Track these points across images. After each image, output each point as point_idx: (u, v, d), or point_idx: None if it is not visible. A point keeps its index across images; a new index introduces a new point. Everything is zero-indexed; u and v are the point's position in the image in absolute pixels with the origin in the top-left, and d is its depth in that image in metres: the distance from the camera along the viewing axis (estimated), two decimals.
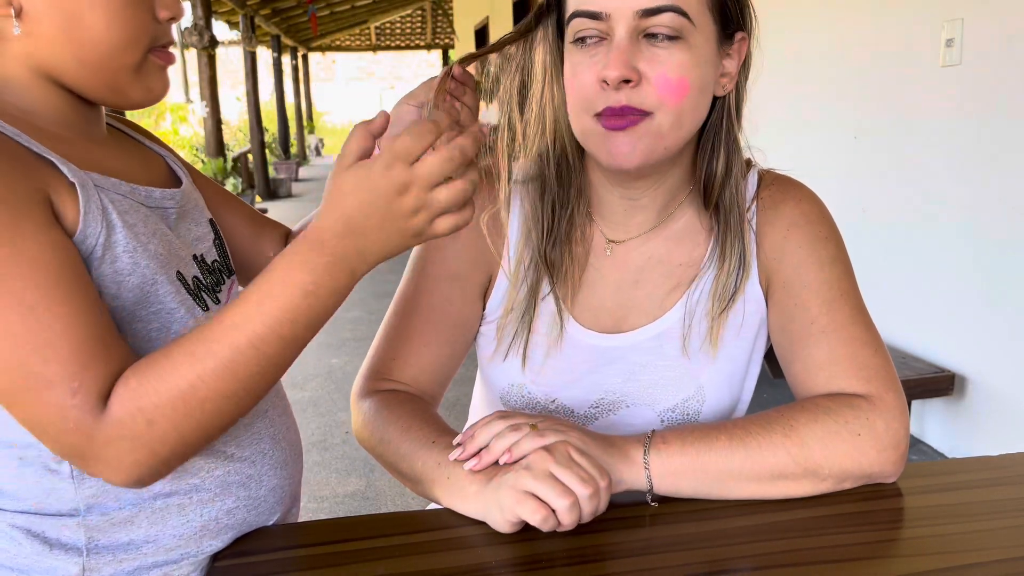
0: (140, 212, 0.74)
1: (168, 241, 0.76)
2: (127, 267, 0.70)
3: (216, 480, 0.78)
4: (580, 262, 0.96)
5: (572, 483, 0.73)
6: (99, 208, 0.69)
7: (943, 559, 0.72)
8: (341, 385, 3.70)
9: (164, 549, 0.76)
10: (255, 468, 0.81)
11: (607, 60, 0.81)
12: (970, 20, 2.48)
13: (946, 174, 2.64)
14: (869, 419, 0.83)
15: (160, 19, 0.75)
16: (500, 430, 0.80)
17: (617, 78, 0.80)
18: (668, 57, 0.81)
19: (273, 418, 0.85)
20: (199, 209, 0.87)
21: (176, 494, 0.76)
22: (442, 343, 0.97)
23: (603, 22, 0.82)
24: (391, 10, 16.45)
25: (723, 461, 0.81)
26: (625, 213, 0.95)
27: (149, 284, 0.72)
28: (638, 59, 0.81)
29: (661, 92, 0.81)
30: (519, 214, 0.96)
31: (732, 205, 0.92)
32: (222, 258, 0.87)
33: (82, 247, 0.67)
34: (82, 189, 0.68)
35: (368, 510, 2.57)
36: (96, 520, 0.73)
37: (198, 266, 0.81)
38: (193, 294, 0.78)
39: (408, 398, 0.94)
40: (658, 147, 0.84)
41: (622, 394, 0.96)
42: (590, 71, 0.83)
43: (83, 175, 0.69)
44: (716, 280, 0.93)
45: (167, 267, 0.74)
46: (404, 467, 0.87)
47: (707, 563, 0.73)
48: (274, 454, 0.84)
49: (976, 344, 2.58)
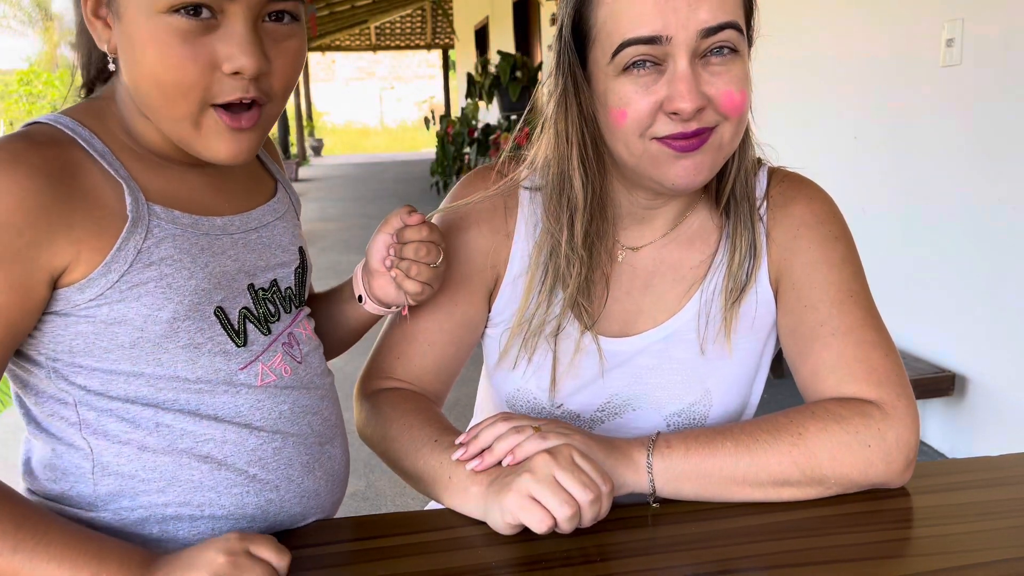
0: (194, 245, 0.75)
1: (213, 275, 0.76)
2: (158, 302, 0.72)
3: (233, 498, 0.77)
4: (593, 272, 0.94)
5: (574, 488, 0.73)
6: (136, 248, 0.71)
7: (943, 559, 0.72)
8: (341, 385, 3.69)
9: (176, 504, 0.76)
10: (278, 493, 0.79)
11: (673, 90, 0.79)
12: (970, 20, 2.48)
13: (946, 174, 2.64)
14: (880, 429, 0.81)
15: (223, 71, 0.68)
16: (503, 432, 0.79)
17: (693, 111, 0.79)
18: (727, 73, 0.80)
19: (311, 445, 0.82)
20: (287, 234, 0.85)
21: (187, 505, 0.76)
22: (446, 342, 0.97)
23: (660, 46, 0.79)
24: (391, 10, 16.44)
25: (727, 467, 0.80)
26: (642, 220, 0.95)
27: (180, 320, 0.73)
28: (702, 83, 0.80)
29: (726, 108, 0.81)
30: (527, 219, 0.95)
31: (743, 198, 0.91)
32: (297, 287, 0.85)
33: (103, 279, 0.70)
34: (130, 225, 0.71)
35: (368, 510, 2.57)
36: (109, 518, 0.74)
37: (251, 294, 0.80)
38: (233, 329, 0.77)
39: (411, 396, 0.94)
40: (719, 160, 0.85)
41: (628, 397, 0.96)
42: (647, 100, 0.80)
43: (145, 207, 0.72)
44: (728, 272, 0.93)
45: (204, 303, 0.75)
46: (406, 465, 0.87)
47: (708, 563, 0.73)
48: (303, 482, 0.81)
49: (976, 344, 2.58)
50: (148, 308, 0.71)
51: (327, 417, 0.86)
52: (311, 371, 0.84)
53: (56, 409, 0.74)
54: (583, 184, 0.89)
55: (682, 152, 0.82)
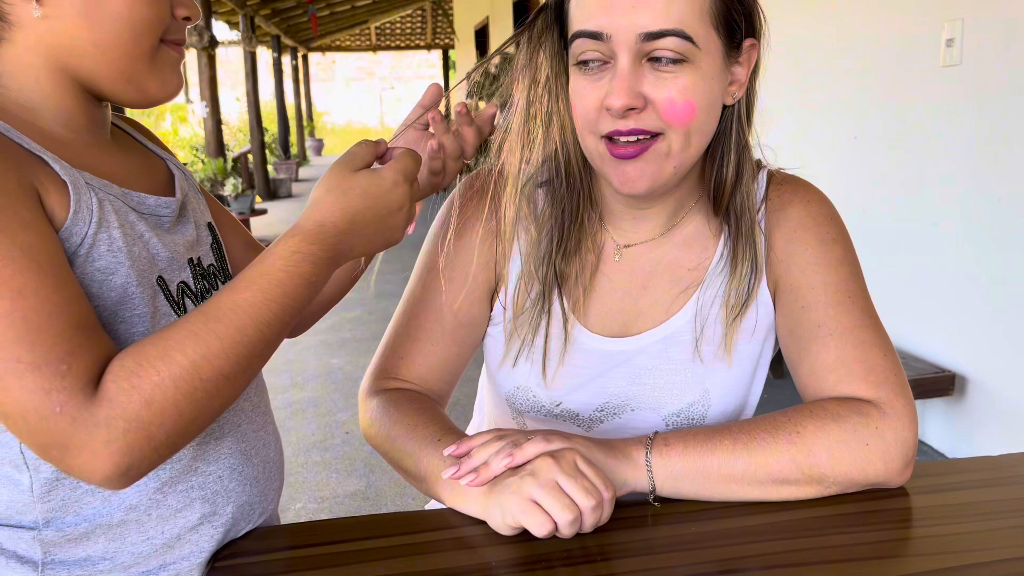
0: (127, 216, 0.74)
1: (151, 247, 0.75)
2: (110, 266, 0.70)
3: (178, 495, 0.76)
4: (590, 268, 0.95)
5: (576, 494, 0.73)
6: (88, 207, 0.69)
7: (943, 559, 0.72)
8: (341, 385, 3.70)
9: (121, 567, 0.74)
10: (221, 484, 0.79)
11: (611, 87, 0.80)
12: (970, 20, 2.48)
13: (946, 174, 2.64)
14: (878, 428, 0.81)
15: (176, 16, 0.77)
16: (499, 448, 0.78)
17: (621, 108, 0.79)
18: (673, 80, 0.80)
19: (247, 433, 0.83)
20: (198, 213, 0.86)
21: (135, 509, 0.74)
22: (449, 343, 0.97)
23: (605, 43, 0.80)
24: (391, 10, 16.44)
25: (726, 465, 0.80)
26: (634, 220, 0.95)
27: (132, 285, 0.72)
28: (642, 83, 0.80)
29: (667, 116, 0.80)
30: (528, 218, 0.96)
31: (743, 210, 0.91)
32: (219, 262, 0.87)
33: (67, 244, 0.67)
34: (73, 186, 0.68)
35: (368, 510, 2.57)
36: (52, 535, 0.72)
37: (191, 270, 0.80)
38: (173, 301, 0.77)
39: (415, 396, 0.95)
40: (666, 169, 0.84)
41: (627, 398, 0.96)
42: (593, 95, 0.82)
43: (75, 173, 0.69)
44: (729, 286, 0.92)
45: (148, 272, 0.74)
46: (409, 465, 0.87)
47: (709, 563, 0.73)
48: (244, 470, 0.81)
49: (976, 344, 2.58)
50: (103, 273, 0.70)
51: (256, 403, 0.86)
52: None
53: None
54: (576, 178, 0.91)
55: (620, 158, 0.82)
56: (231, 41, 13.44)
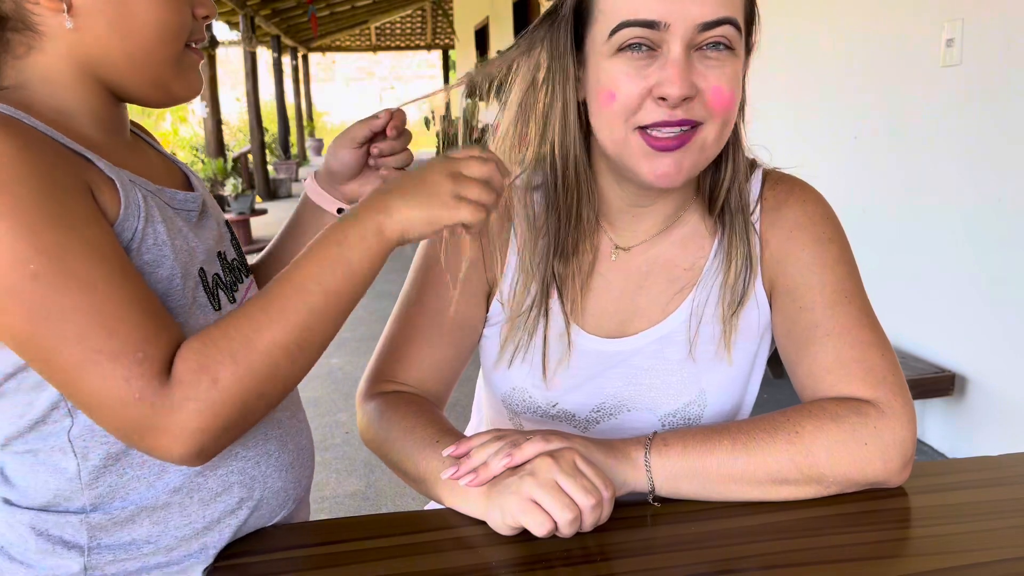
0: (165, 211, 0.76)
1: (188, 240, 0.78)
2: (156, 259, 0.73)
3: (218, 479, 0.78)
4: (586, 270, 0.95)
5: (576, 494, 0.73)
6: (135, 203, 0.72)
7: (943, 559, 0.72)
8: (341, 385, 3.70)
9: (165, 549, 0.76)
10: (259, 469, 0.81)
11: (664, 75, 0.79)
12: (970, 20, 2.48)
13: (946, 174, 2.64)
14: (877, 428, 0.81)
15: (196, 16, 0.79)
16: (498, 449, 0.78)
17: (680, 96, 0.79)
18: (722, 69, 0.80)
19: (282, 420, 0.85)
20: (215, 209, 0.89)
21: (179, 492, 0.76)
22: (446, 344, 0.97)
23: (658, 32, 0.80)
24: (391, 10, 16.44)
25: (725, 464, 0.80)
26: (633, 219, 0.95)
27: (177, 277, 0.74)
28: (694, 73, 0.80)
29: (713, 104, 0.81)
30: (523, 219, 0.96)
31: (737, 209, 0.91)
32: (239, 257, 0.89)
33: (120, 238, 0.70)
34: (120, 184, 0.71)
35: (368, 510, 2.57)
36: (99, 519, 0.74)
37: (220, 263, 0.83)
38: (209, 292, 0.79)
39: (412, 399, 0.95)
40: (701, 161, 0.84)
41: (623, 398, 0.96)
42: (637, 83, 0.81)
43: (118, 171, 0.72)
44: (724, 284, 0.92)
45: (190, 264, 0.76)
46: (408, 467, 0.87)
47: (709, 563, 0.73)
48: (280, 456, 0.84)
49: (976, 344, 2.58)
50: (150, 266, 0.72)
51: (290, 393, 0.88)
52: None
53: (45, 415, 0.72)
54: (573, 177, 0.90)
55: (661, 151, 0.82)
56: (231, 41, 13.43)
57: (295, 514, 0.88)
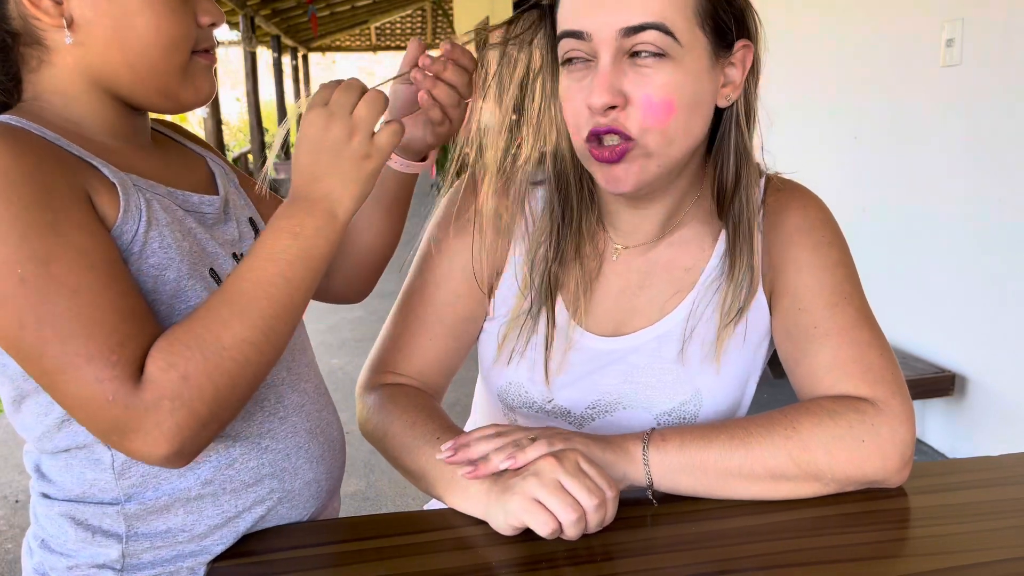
0: (175, 213, 0.78)
1: (201, 241, 0.79)
2: (163, 262, 0.74)
3: (250, 471, 0.80)
4: (587, 269, 0.95)
5: (580, 494, 0.73)
6: (137, 207, 0.73)
7: (944, 559, 0.72)
8: (341, 385, 3.70)
9: (199, 537, 0.78)
10: (290, 461, 0.83)
11: (592, 85, 0.80)
12: (970, 20, 2.48)
13: (946, 174, 2.64)
14: (874, 425, 0.81)
15: (201, 24, 0.79)
16: (499, 445, 0.78)
17: (602, 106, 0.79)
18: (653, 76, 0.80)
19: (311, 413, 0.87)
20: (239, 209, 0.89)
21: (211, 483, 0.78)
22: (447, 336, 0.98)
23: (587, 42, 0.81)
24: (391, 10, 16.43)
25: (722, 460, 0.81)
26: (632, 220, 0.95)
27: (185, 279, 0.75)
28: (623, 81, 0.80)
29: (645, 114, 0.80)
30: (527, 215, 0.96)
31: (742, 217, 0.91)
32: None
33: (119, 242, 0.71)
34: (122, 188, 0.72)
35: (368, 510, 2.57)
36: (135, 508, 0.77)
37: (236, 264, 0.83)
38: None
39: (413, 392, 0.95)
40: (650, 168, 0.84)
41: (619, 396, 0.96)
42: (578, 95, 0.82)
43: (123, 176, 0.73)
44: (724, 293, 0.92)
45: (200, 265, 0.77)
46: (408, 462, 0.87)
47: (709, 563, 0.73)
48: (310, 448, 0.85)
49: (976, 344, 2.58)
50: (156, 269, 0.73)
51: (316, 384, 0.90)
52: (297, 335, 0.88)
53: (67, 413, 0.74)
54: (570, 178, 0.91)
55: (602, 162, 0.83)
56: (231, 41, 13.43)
57: (328, 504, 0.90)
